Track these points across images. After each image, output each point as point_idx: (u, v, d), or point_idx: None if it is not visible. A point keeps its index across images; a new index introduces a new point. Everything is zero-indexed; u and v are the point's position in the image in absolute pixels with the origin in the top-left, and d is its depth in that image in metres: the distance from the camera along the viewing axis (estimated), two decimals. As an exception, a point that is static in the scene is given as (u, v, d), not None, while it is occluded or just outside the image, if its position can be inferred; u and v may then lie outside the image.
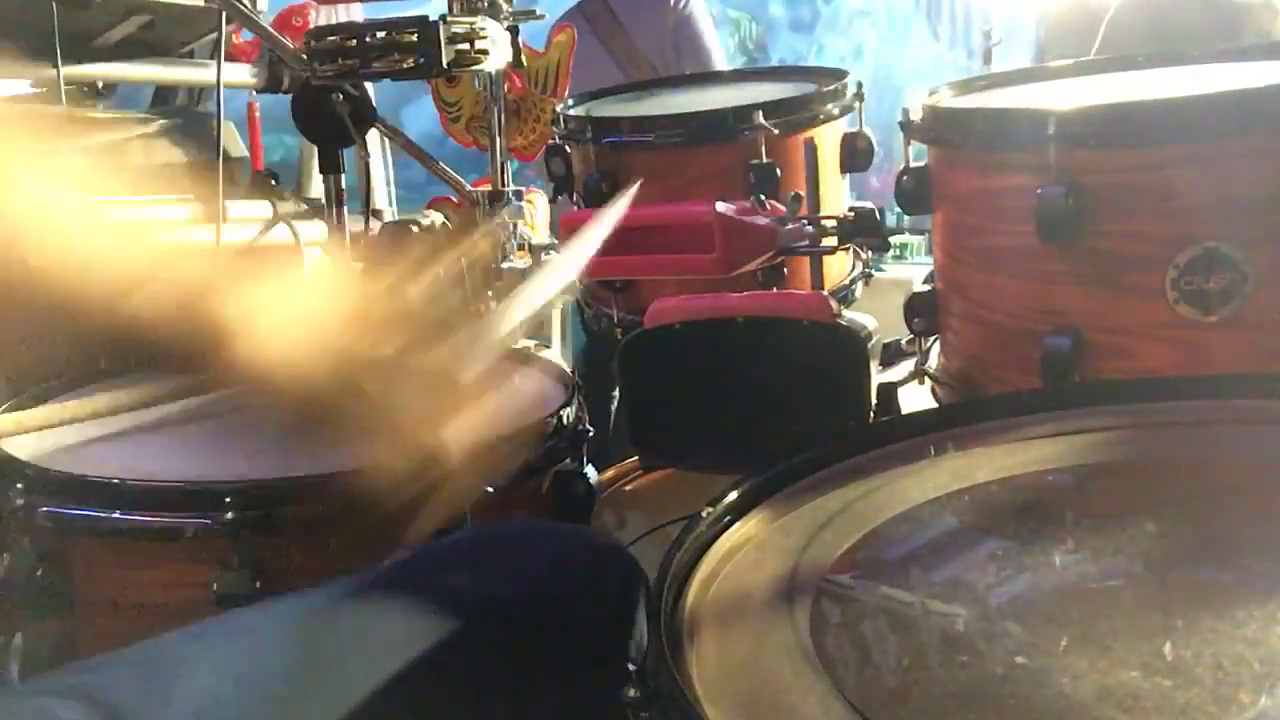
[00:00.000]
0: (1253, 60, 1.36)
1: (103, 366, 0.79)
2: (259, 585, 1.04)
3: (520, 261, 1.92)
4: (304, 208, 2.67)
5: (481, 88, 2.01)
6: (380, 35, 1.59)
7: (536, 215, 2.13)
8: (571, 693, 0.89)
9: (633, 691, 0.66)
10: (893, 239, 1.45)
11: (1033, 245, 1.11)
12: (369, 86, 1.96)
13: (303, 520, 1.08)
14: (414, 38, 1.57)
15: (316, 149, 1.90)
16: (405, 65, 1.57)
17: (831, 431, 1.20)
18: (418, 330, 0.82)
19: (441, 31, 1.57)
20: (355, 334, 0.80)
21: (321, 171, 1.95)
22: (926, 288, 1.35)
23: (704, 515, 0.84)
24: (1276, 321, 1.05)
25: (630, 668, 0.66)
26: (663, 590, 0.73)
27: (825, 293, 1.58)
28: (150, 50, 2.41)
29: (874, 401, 1.30)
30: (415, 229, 1.71)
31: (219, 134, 2.39)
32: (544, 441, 1.23)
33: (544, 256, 1.90)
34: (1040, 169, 1.09)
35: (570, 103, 1.94)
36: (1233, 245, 1.04)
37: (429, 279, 0.86)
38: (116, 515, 1.07)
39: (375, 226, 1.96)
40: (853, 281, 1.72)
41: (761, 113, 1.57)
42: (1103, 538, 0.78)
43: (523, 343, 1.98)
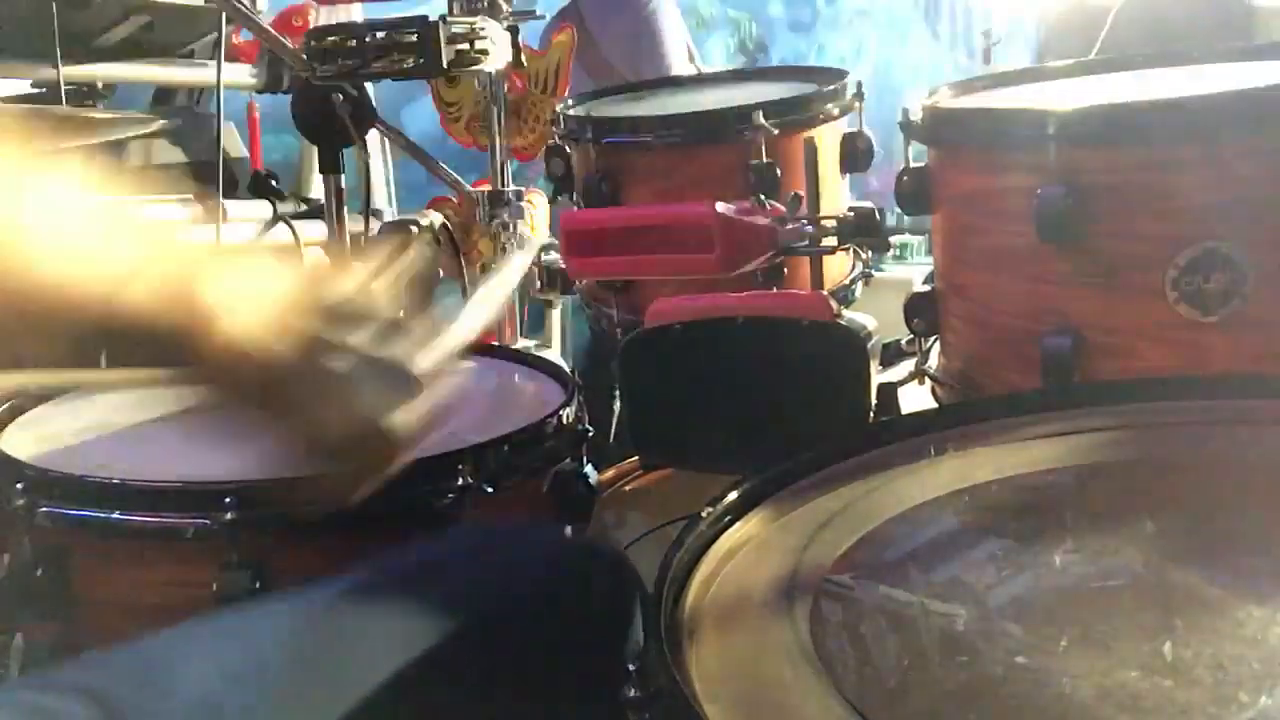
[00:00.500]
0: (1253, 60, 1.36)
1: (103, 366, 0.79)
2: (259, 585, 1.04)
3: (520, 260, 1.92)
4: (304, 208, 2.67)
5: (481, 88, 2.01)
6: (380, 35, 1.59)
7: (536, 215, 2.13)
8: (565, 694, 0.89)
9: (633, 691, 0.66)
10: (893, 239, 1.45)
11: (1033, 245, 1.11)
12: (369, 86, 1.97)
13: (303, 520, 1.08)
14: (414, 38, 1.57)
15: (316, 149, 1.90)
16: (405, 65, 1.57)
17: (831, 431, 1.19)
18: (379, 324, 0.82)
19: (441, 31, 1.57)
20: (318, 323, 0.79)
21: (321, 171, 1.95)
22: (926, 288, 1.35)
23: (704, 515, 0.84)
24: (1276, 321, 1.05)
25: (630, 668, 0.66)
26: (663, 590, 0.73)
27: (825, 293, 1.58)
28: (150, 50, 2.41)
29: (874, 401, 1.30)
30: (415, 229, 1.71)
31: (219, 134, 2.39)
32: (544, 441, 1.23)
33: (544, 256, 1.90)
34: (1040, 169, 1.09)
35: (570, 103, 1.94)
36: (1233, 245, 1.04)
37: (392, 277, 0.86)
38: (116, 515, 1.07)
39: (375, 226, 1.97)
40: (853, 281, 1.72)
41: (761, 113, 1.57)
42: (1103, 538, 0.78)
43: (522, 343, 1.98)
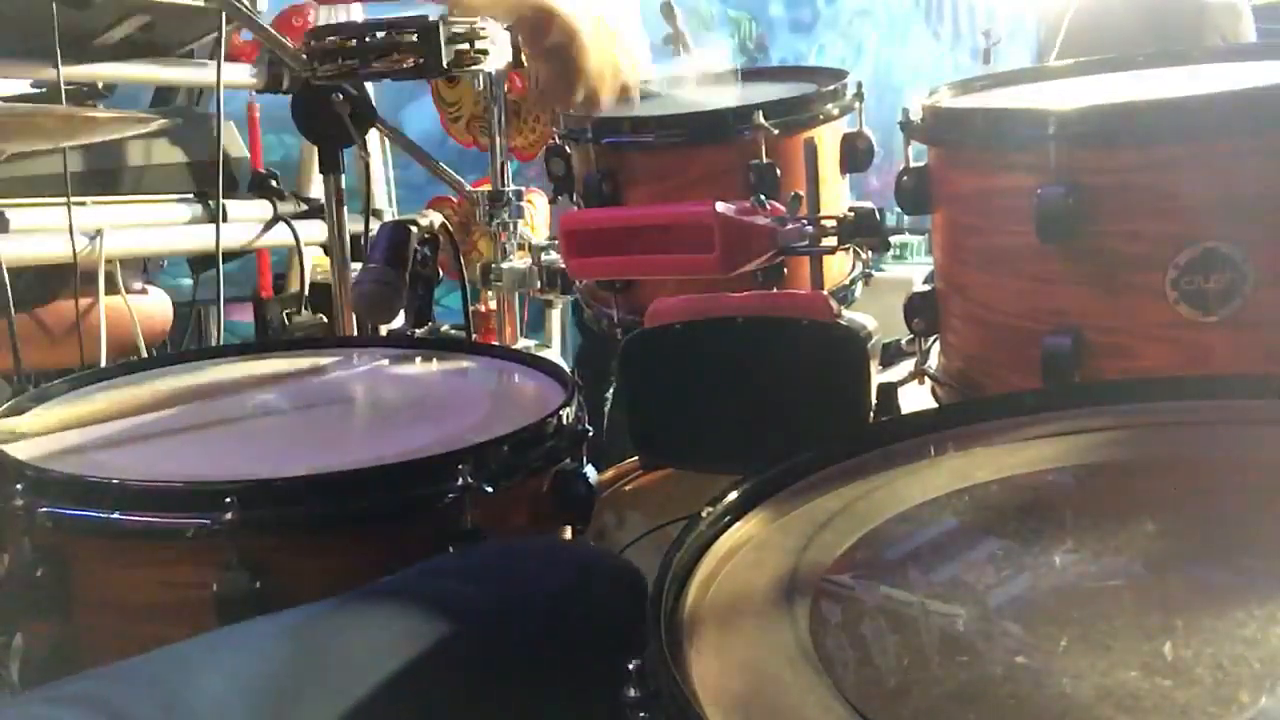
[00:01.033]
0: (1253, 60, 1.36)
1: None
2: (259, 585, 1.04)
3: (520, 261, 1.92)
4: (304, 208, 2.68)
5: (481, 88, 2.01)
6: (380, 35, 1.59)
7: (536, 215, 2.13)
8: (570, 706, 0.89)
9: (633, 691, 0.66)
10: (893, 239, 1.45)
11: (1033, 245, 1.10)
12: (369, 86, 1.97)
13: (303, 520, 1.08)
14: (414, 38, 1.57)
15: (316, 149, 1.90)
16: (405, 65, 1.57)
17: (831, 431, 1.19)
18: None
19: (441, 31, 1.57)
20: None
21: (321, 171, 1.95)
22: (926, 288, 1.35)
23: (704, 515, 0.84)
24: (1276, 321, 1.05)
25: (629, 668, 0.66)
26: (663, 590, 0.73)
27: (825, 293, 1.58)
28: (150, 50, 2.41)
29: (874, 401, 1.30)
30: (415, 229, 1.71)
31: (219, 134, 2.39)
32: (544, 441, 1.23)
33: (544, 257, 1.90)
34: (1040, 169, 1.09)
35: (570, 103, 1.94)
36: (1233, 245, 1.04)
37: None
38: (116, 515, 1.07)
39: (375, 226, 1.96)
40: (853, 281, 1.72)
41: (761, 113, 1.57)
42: (1103, 538, 0.78)
43: (522, 343, 1.99)
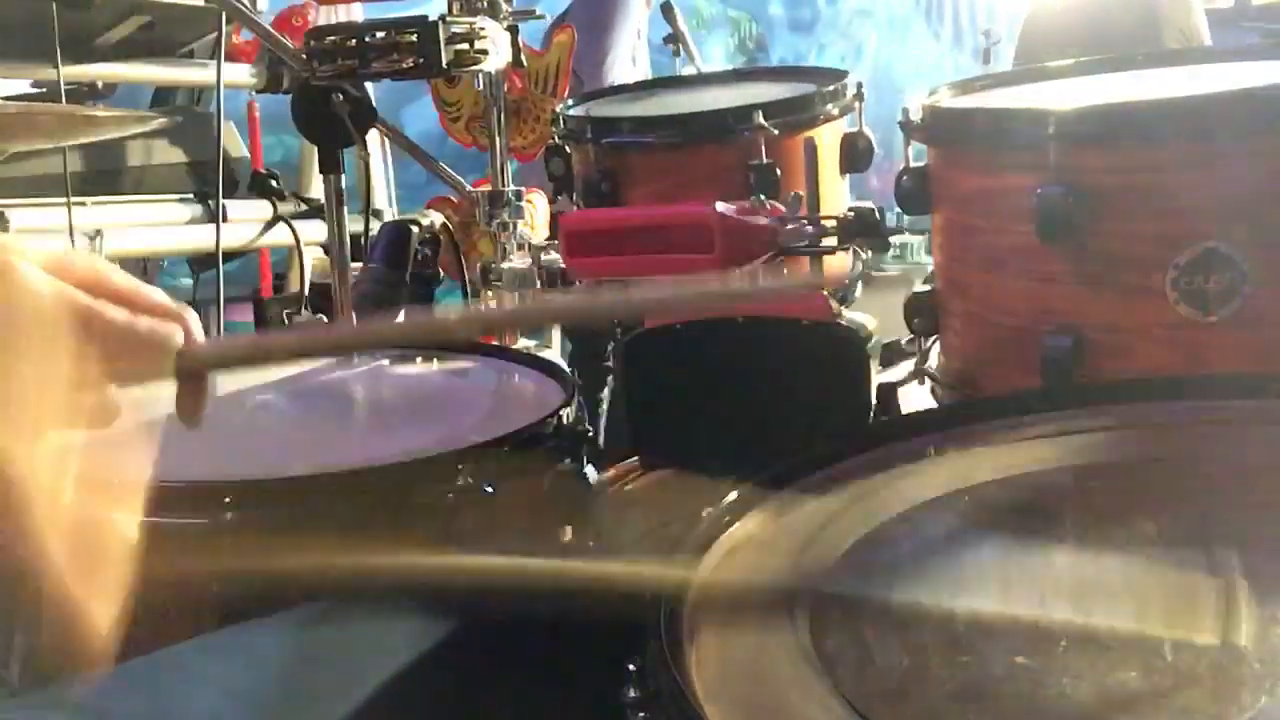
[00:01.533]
0: (1253, 60, 1.36)
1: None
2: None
3: (520, 261, 1.92)
4: (304, 208, 2.68)
5: (481, 88, 2.01)
6: (380, 35, 1.59)
7: (536, 215, 2.13)
8: (563, 705, 0.89)
9: (633, 691, 0.66)
10: (893, 239, 1.45)
11: (1033, 245, 1.10)
12: (369, 86, 1.96)
13: (303, 520, 1.08)
14: (414, 38, 1.57)
15: (316, 149, 1.90)
16: (405, 65, 1.57)
17: (831, 431, 1.20)
18: None
19: (441, 31, 1.57)
20: None
21: (321, 171, 1.94)
22: (926, 288, 1.35)
23: (704, 515, 0.84)
24: (1276, 321, 1.05)
25: (630, 668, 0.66)
26: (663, 591, 0.73)
27: (825, 293, 1.58)
28: (150, 50, 2.41)
29: (874, 401, 1.30)
30: (415, 229, 1.71)
31: (219, 134, 2.39)
32: (544, 441, 1.23)
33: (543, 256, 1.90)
34: (1040, 169, 1.09)
35: (570, 103, 1.94)
36: (1233, 245, 1.03)
37: None
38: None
39: (375, 226, 1.96)
40: (853, 281, 1.72)
41: (761, 113, 1.57)
42: (1102, 538, 0.78)
43: (522, 343, 1.98)
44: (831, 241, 1.43)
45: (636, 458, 1.59)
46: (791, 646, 0.69)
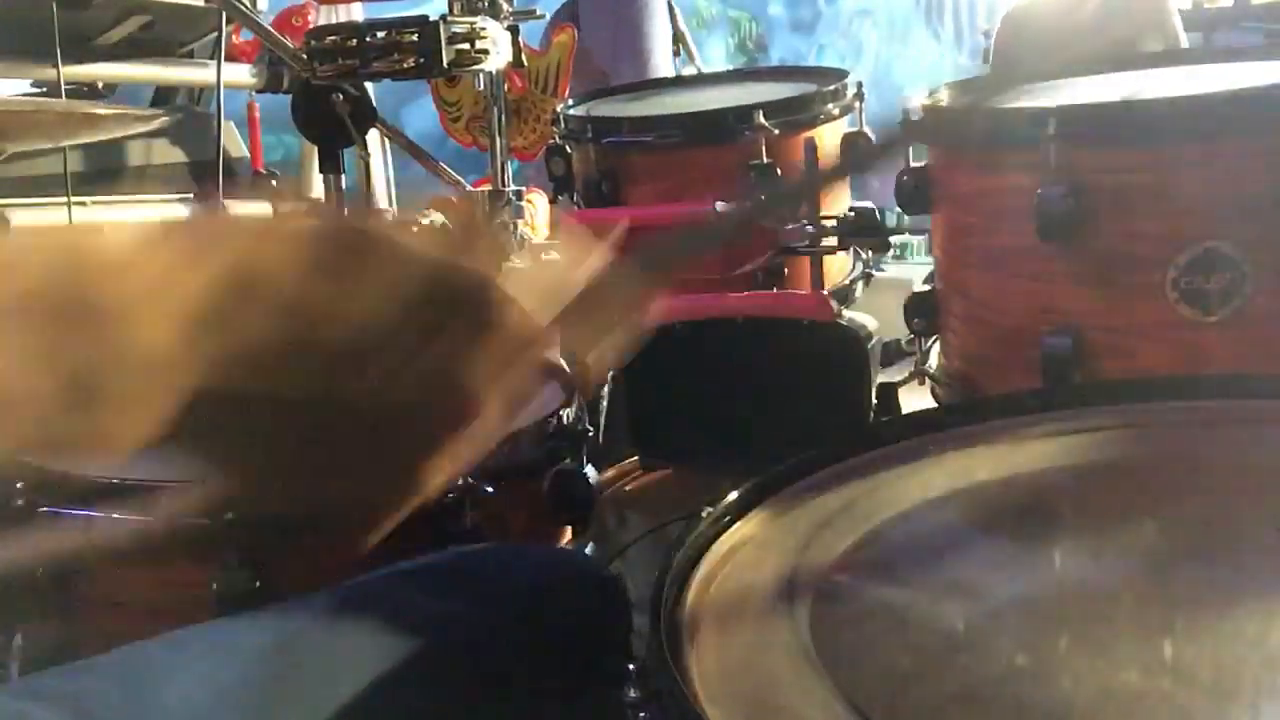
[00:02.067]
0: (1253, 60, 1.36)
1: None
2: (259, 585, 1.04)
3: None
4: (304, 208, 2.67)
5: (481, 88, 2.01)
6: (380, 35, 1.59)
7: (536, 215, 2.13)
8: (545, 708, 0.88)
9: (633, 691, 0.66)
10: (893, 239, 1.45)
11: (1033, 245, 1.11)
12: (369, 86, 1.96)
13: (303, 520, 1.08)
14: (414, 38, 1.57)
15: (316, 149, 1.90)
16: (405, 65, 1.57)
17: (831, 431, 1.19)
18: None
19: (441, 31, 1.57)
20: None
21: (321, 171, 1.95)
22: (926, 288, 1.35)
23: (704, 515, 0.84)
24: (1276, 321, 1.05)
25: (630, 668, 0.66)
26: (662, 590, 0.73)
27: (825, 293, 1.58)
28: (150, 50, 2.42)
29: (874, 401, 1.30)
30: (415, 229, 1.71)
31: (219, 134, 2.39)
32: (544, 441, 1.23)
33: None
34: (1040, 169, 1.09)
35: (570, 103, 1.94)
36: (1233, 245, 1.04)
37: None
38: (116, 515, 1.07)
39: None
40: (853, 281, 1.72)
41: (761, 113, 1.57)
42: (1103, 538, 0.78)
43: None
44: (831, 241, 1.43)
45: (636, 458, 1.59)
46: (791, 646, 0.68)
